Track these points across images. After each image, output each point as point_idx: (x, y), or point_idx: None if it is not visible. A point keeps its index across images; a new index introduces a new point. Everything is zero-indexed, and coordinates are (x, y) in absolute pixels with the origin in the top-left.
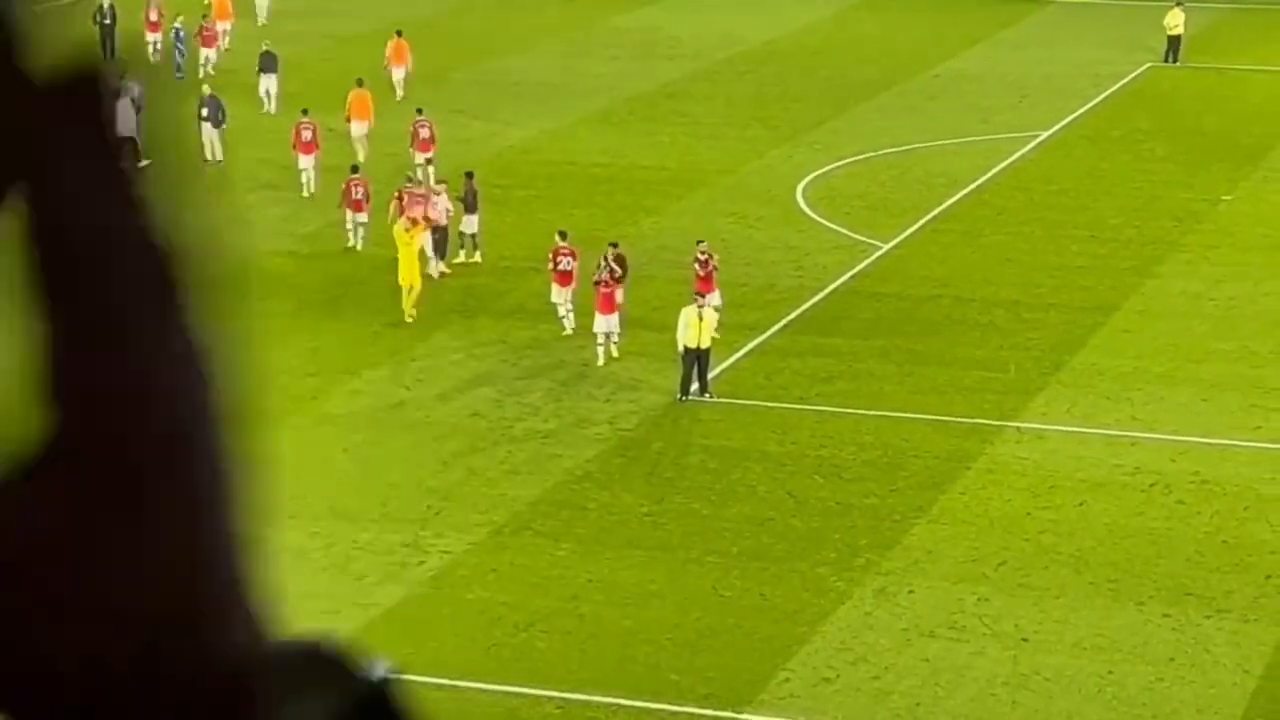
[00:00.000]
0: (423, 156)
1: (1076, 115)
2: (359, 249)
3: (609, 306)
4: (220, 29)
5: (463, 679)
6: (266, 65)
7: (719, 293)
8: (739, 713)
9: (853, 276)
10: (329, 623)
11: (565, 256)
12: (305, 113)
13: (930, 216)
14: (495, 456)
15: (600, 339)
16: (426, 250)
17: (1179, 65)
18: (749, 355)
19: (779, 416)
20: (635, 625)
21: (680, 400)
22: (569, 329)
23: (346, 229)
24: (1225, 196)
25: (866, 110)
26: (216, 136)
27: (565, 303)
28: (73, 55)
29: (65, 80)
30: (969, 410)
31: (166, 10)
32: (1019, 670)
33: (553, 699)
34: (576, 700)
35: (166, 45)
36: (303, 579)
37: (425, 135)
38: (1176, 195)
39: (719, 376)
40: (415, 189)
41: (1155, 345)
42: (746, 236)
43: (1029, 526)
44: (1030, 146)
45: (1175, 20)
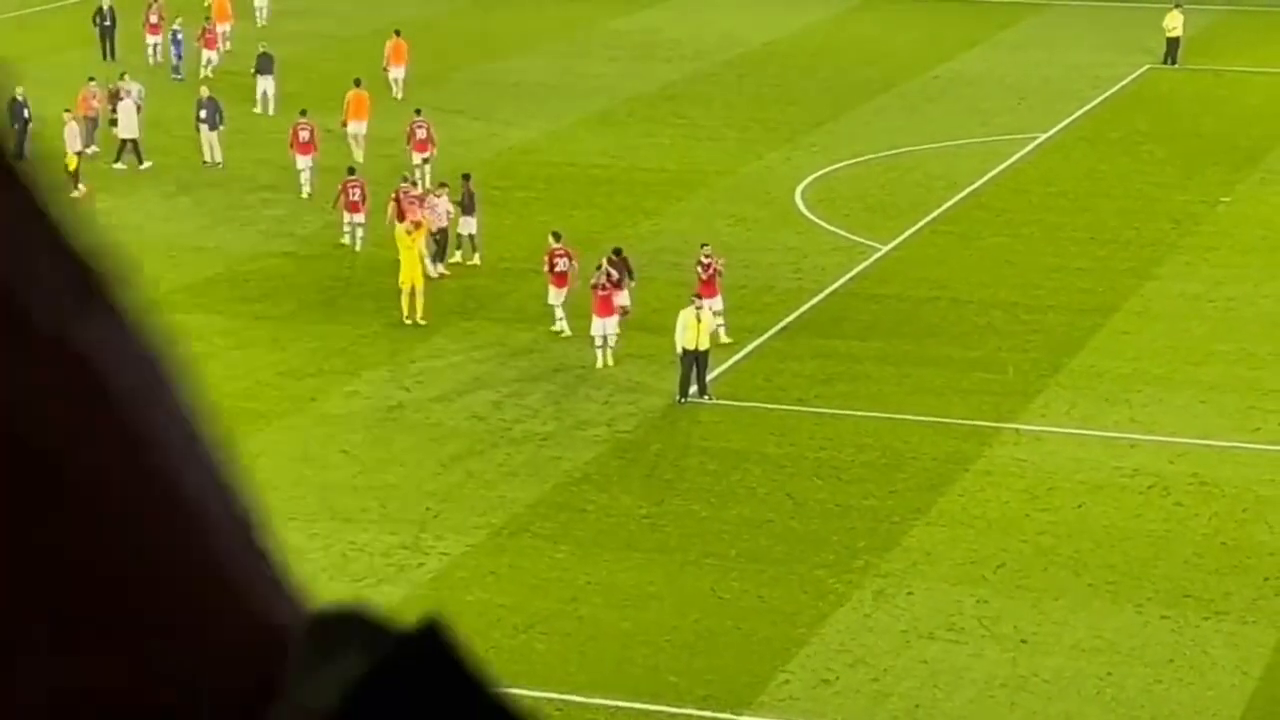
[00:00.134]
0: (420, 157)
1: (1075, 117)
2: (357, 250)
3: (606, 309)
4: (220, 31)
5: None
6: (263, 67)
7: (721, 298)
8: (738, 714)
9: (851, 278)
10: None
11: (561, 258)
12: (303, 113)
13: (929, 218)
14: (494, 458)
15: (598, 341)
16: (424, 253)
17: (1177, 67)
18: (748, 357)
19: (778, 418)
20: (634, 627)
21: (679, 402)
22: (566, 332)
23: (344, 230)
24: (1224, 198)
25: (865, 112)
26: (215, 138)
27: (560, 305)
28: None
29: None
30: (968, 412)
31: (167, 13)
32: (1018, 672)
33: (551, 701)
34: (575, 702)
35: (165, 47)
36: (301, 580)
37: (422, 136)
38: (1175, 197)
39: (718, 378)
40: (411, 190)
41: (1154, 347)
42: (745, 238)
43: (1028, 528)
44: (1029, 148)
45: (1174, 22)
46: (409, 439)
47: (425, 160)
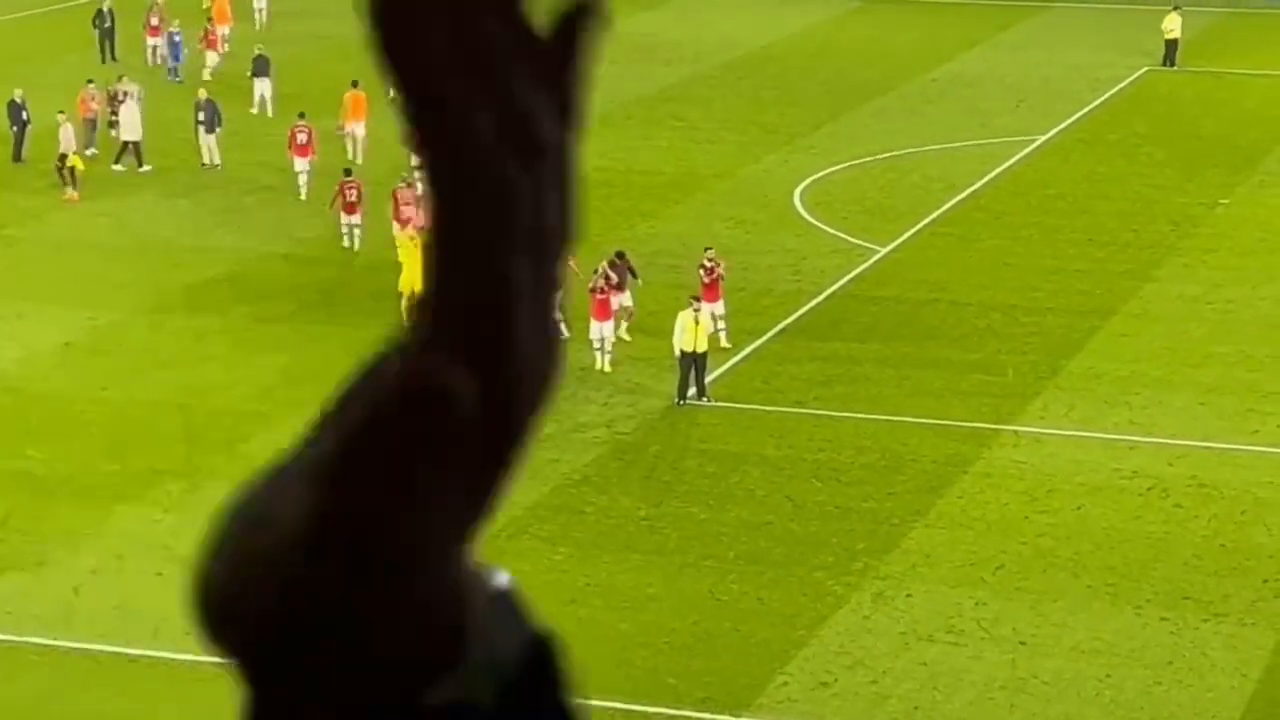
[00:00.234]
0: (417, 159)
1: (1074, 119)
2: (355, 250)
3: (604, 313)
4: (220, 33)
5: None
6: (259, 69)
7: (724, 302)
8: (737, 716)
9: (850, 280)
10: None
11: None
12: (302, 116)
13: (928, 220)
14: None
15: (595, 345)
16: None
17: (1176, 69)
18: (746, 359)
19: (777, 420)
20: (633, 629)
21: (678, 404)
22: (564, 334)
23: (342, 232)
24: (1222, 200)
25: (864, 114)
26: (213, 141)
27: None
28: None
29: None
30: (967, 414)
31: (167, 15)
32: (1017, 674)
33: None
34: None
35: (166, 50)
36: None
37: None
38: (1174, 199)
39: (717, 380)
40: (407, 191)
41: (1153, 349)
42: (744, 240)
43: (1027, 530)
44: (1028, 150)
45: (1172, 24)
46: None
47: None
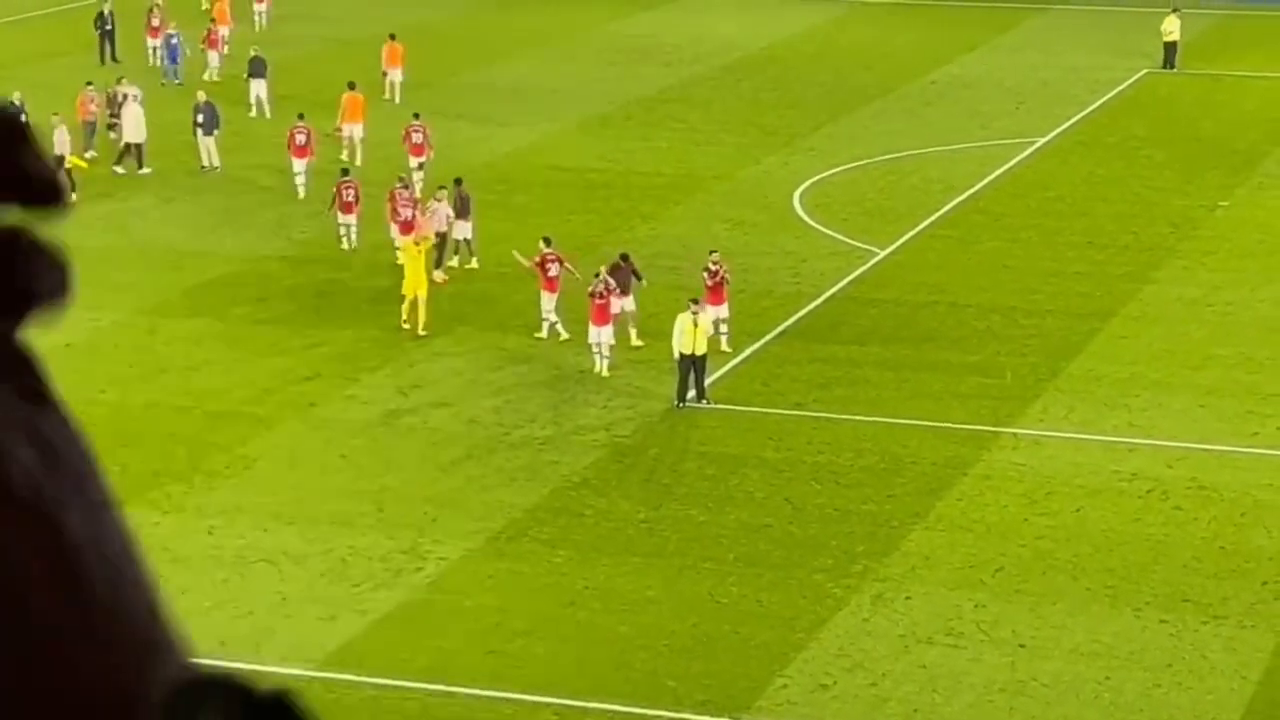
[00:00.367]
0: (416, 161)
1: (1073, 121)
2: (350, 251)
3: (603, 318)
4: (221, 34)
5: (460, 685)
6: (255, 71)
7: (728, 306)
8: (736, 719)
9: (850, 283)
10: (327, 628)
11: (553, 263)
12: (301, 117)
13: (927, 223)
14: (492, 463)
15: (594, 349)
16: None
17: (1176, 72)
18: (746, 361)
19: (776, 423)
20: (632, 632)
21: (677, 407)
22: (563, 335)
23: (339, 233)
24: (1222, 202)
25: (863, 116)
26: (212, 143)
27: (553, 310)
28: None
29: None
30: (966, 416)
31: (167, 16)
32: (1016, 676)
33: (550, 705)
34: (574, 707)
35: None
36: (300, 584)
37: (419, 140)
38: (1173, 201)
39: (716, 383)
40: (404, 193)
41: (1152, 351)
42: (743, 242)
43: (1026, 533)
44: (1027, 153)
45: (1171, 26)
46: (407, 443)
47: (421, 165)
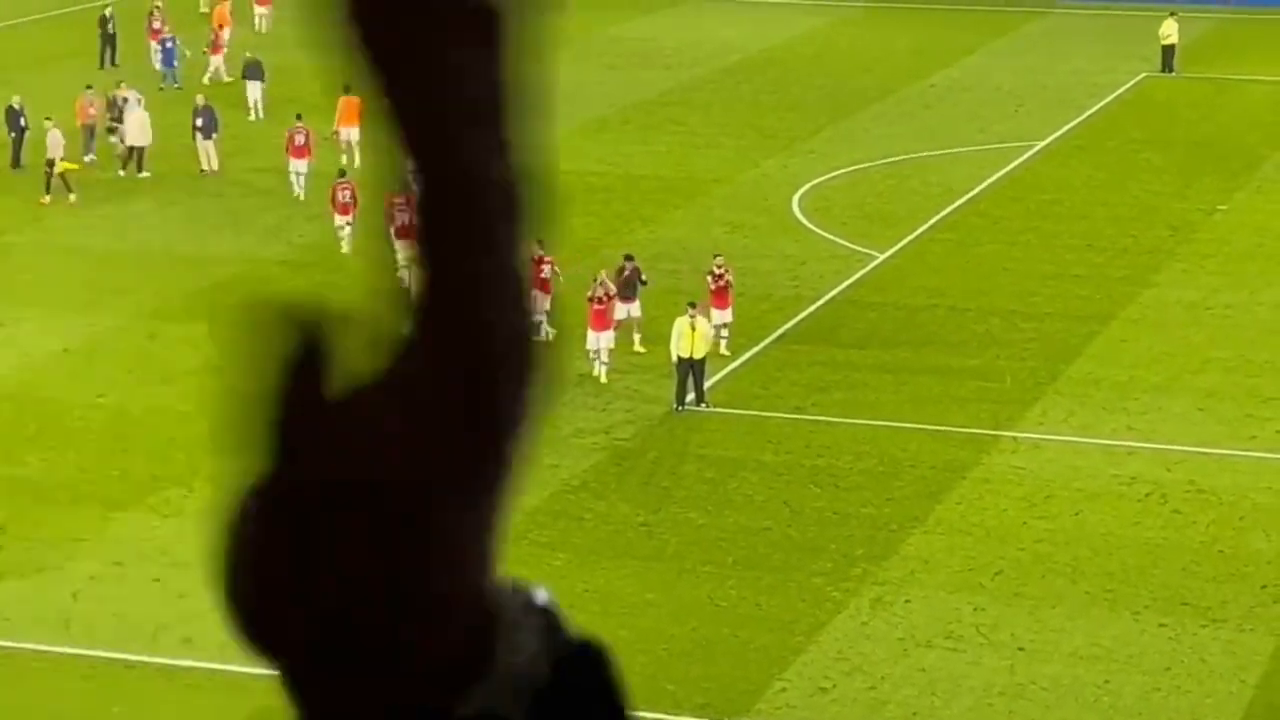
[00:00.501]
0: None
1: (1072, 125)
2: (346, 251)
3: (602, 323)
4: (223, 38)
5: None
6: (251, 73)
7: (731, 310)
8: None
9: (849, 286)
10: None
11: (545, 265)
12: (299, 118)
13: (926, 226)
14: None
15: (592, 354)
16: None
17: (1174, 75)
18: (745, 365)
19: (775, 426)
20: (631, 635)
21: (676, 410)
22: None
23: (339, 236)
24: (1220, 206)
25: (863, 119)
26: (211, 147)
27: (543, 313)
28: None
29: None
30: (965, 420)
31: (169, 20)
32: (1015, 680)
33: None
34: None
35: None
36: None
37: None
38: (1172, 205)
39: (715, 386)
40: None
41: (1151, 354)
42: (742, 246)
43: (1025, 536)
44: (1026, 156)
45: (1168, 30)
46: None
47: None
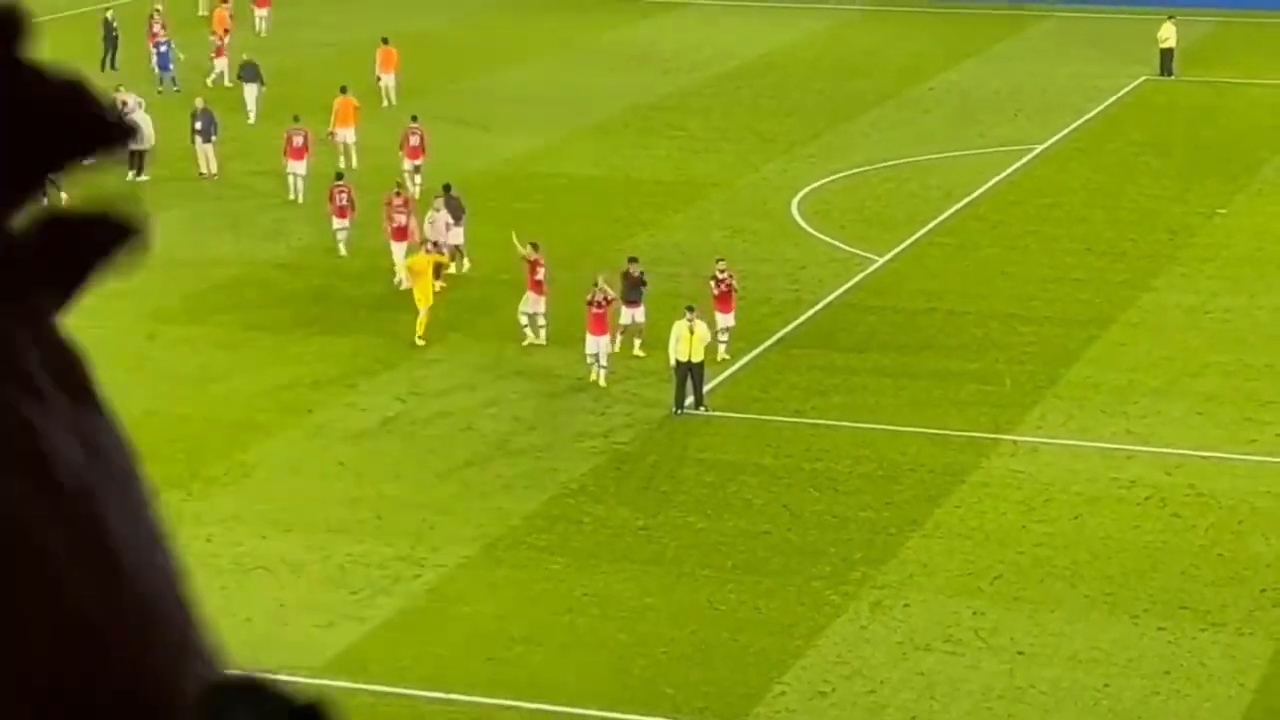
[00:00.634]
0: (411, 163)
1: (1071, 129)
2: (346, 256)
3: (600, 328)
4: (225, 42)
5: (457, 692)
6: (248, 75)
7: (733, 314)
8: None
9: (848, 290)
10: (325, 635)
11: (540, 267)
12: (297, 119)
13: (925, 230)
14: (490, 470)
15: (590, 359)
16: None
17: (1174, 79)
18: (744, 368)
19: (774, 430)
20: (630, 639)
21: (675, 414)
22: (529, 339)
23: (338, 239)
24: (1220, 210)
25: (861, 123)
26: (210, 150)
27: (540, 314)
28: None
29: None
30: (964, 423)
31: (169, 23)
32: (1015, 683)
33: (548, 713)
34: (572, 714)
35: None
36: (298, 591)
37: (415, 142)
38: (1171, 209)
39: (714, 390)
40: (398, 197)
41: (1150, 358)
42: (742, 250)
43: (1024, 540)
44: (1025, 160)
45: (1167, 34)
46: (405, 451)
47: (417, 168)
